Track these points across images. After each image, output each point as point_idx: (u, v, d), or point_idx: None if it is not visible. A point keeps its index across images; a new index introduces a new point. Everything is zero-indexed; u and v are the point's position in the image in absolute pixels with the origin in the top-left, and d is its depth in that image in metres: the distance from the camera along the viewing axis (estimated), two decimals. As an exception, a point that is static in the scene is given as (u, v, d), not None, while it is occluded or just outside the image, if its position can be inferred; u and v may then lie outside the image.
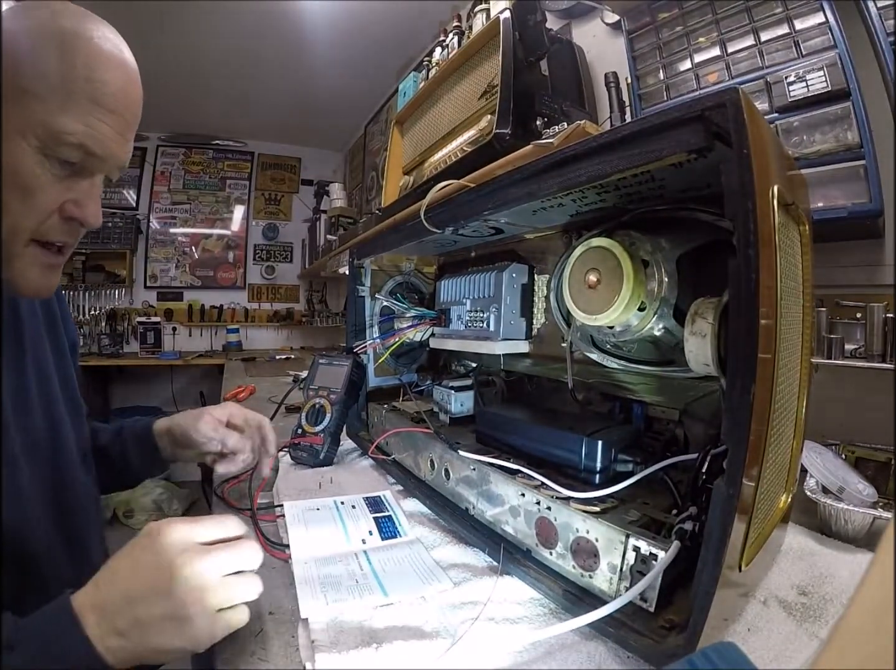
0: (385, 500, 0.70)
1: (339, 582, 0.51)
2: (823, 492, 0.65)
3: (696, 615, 0.36)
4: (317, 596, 0.48)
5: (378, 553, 0.57)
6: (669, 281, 0.51)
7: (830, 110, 0.83)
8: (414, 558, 0.57)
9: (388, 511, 0.67)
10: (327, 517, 0.63)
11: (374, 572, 0.53)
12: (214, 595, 0.37)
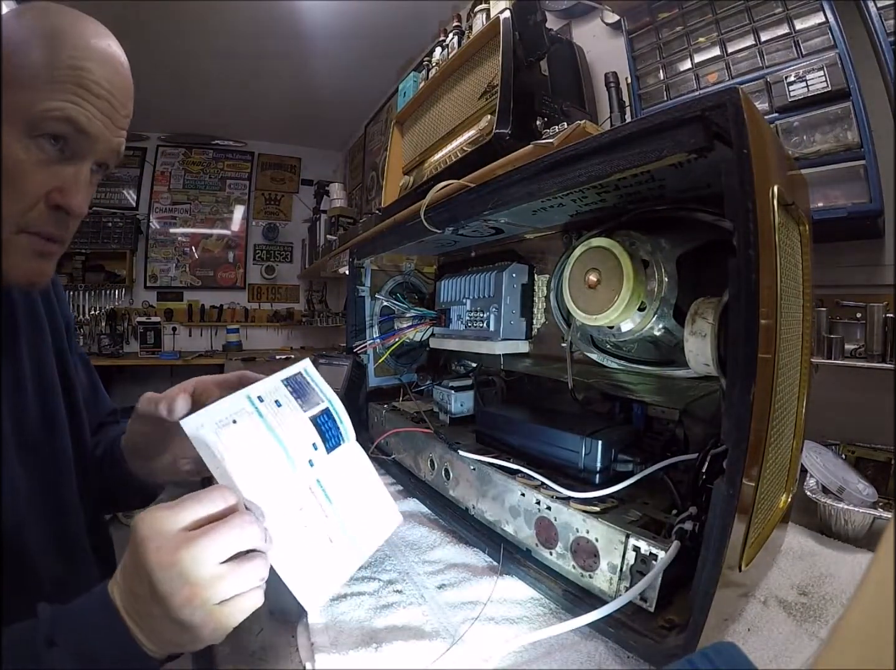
0: (308, 378, 0.47)
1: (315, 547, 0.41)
2: (823, 492, 0.65)
3: (696, 615, 0.36)
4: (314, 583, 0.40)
5: (332, 482, 0.44)
6: (669, 281, 0.51)
7: (830, 110, 0.83)
8: (362, 480, 0.47)
9: (321, 400, 0.46)
10: (250, 429, 0.40)
11: (339, 517, 0.43)
12: (206, 590, 0.33)
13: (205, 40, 2.34)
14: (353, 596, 0.50)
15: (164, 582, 0.32)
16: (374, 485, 0.48)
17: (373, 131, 3.19)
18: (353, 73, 2.66)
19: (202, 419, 0.38)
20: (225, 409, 0.40)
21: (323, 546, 0.41)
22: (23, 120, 0.42)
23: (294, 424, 0.43)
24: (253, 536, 0.35)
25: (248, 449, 0.39)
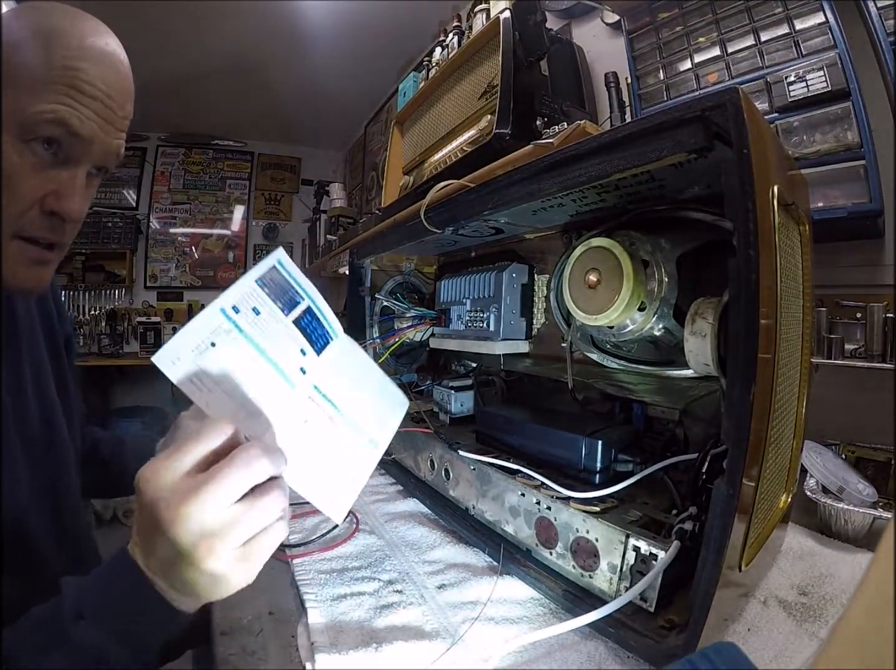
0: (284, 273, 0.41)
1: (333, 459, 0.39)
2: (823, 491, 0.65)
3: (696, 615, 0.36)
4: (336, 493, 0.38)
5: (329, 384, 0.41)
6: (669, 281, 0.51)
7: (830, 110, 0.83)
8: (360, 373, 0.44)
9: (301, 298, 0.41)
10: (234, 351, 0.36)
11: (346, 418, 0.41)
12: (226, 537, 0.31)
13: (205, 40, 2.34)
14: (353, 596, 0.50)
15: (181, 537, 0.31)
16: (373, 374, 0.45)
17: (373, 131, 3.19)
18: (353, 73, 2.65)
19: (176, 350, 0.34)
20: (199, 331, 0.35)
21: (337, 452, 0.39)
22: (16, 123, 0.41)
23: (278, 333, 0.38)
24: (260, 468, 0.33)
25: (235, 373, 0.35)
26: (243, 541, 0.32)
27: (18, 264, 0.45)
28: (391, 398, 0.46)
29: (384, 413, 0.44)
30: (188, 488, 0.31)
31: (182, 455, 0.32)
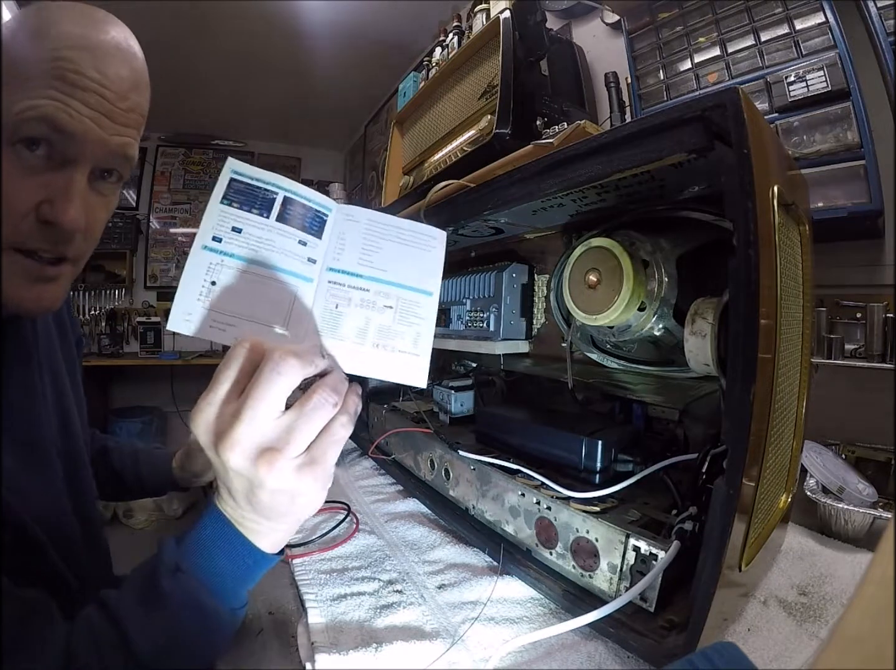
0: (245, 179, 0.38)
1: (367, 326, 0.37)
2: (823, 492, 0.65)
3: (696, 615, 0.36)
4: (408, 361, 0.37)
5: (345, 258, 0.39)
6: (669, 281, 0.51)
7: (830, 110, 0.83)
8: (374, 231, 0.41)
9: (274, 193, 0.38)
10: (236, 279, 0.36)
11: (380, 281, 0.39)
12: (282, 450, 0.31)
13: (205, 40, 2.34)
14: (353, 596, 0.50)
15: (239, 463, 0.31)
16: (389, 224, 0.41)
17: (373, 131, 3.19)
18: (353, 73, 2.65)
19: (183, 308, 0.34)
20: (194, 278, 0.35)
21: (387, 319, 0.37)
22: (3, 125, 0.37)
23: (268, 238, 0.36)
24: (290, 369, 0.32)
25: (246, 296, 0.34)
26: (302, 448, 0.33)
27: (17, 280, 0.41)
28: (422, 238, 0.41)
29: (421, 256, 0.40)
30: (230, 414, 0.32)
31: (215, 385, 0.33)
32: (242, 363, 0.33)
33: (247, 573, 0.37)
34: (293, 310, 0.36)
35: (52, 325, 0.60)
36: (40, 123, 0.37)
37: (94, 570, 0.55)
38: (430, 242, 0.41)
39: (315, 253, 0.38)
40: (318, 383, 0.34)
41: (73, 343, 0.64)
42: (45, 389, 0.54)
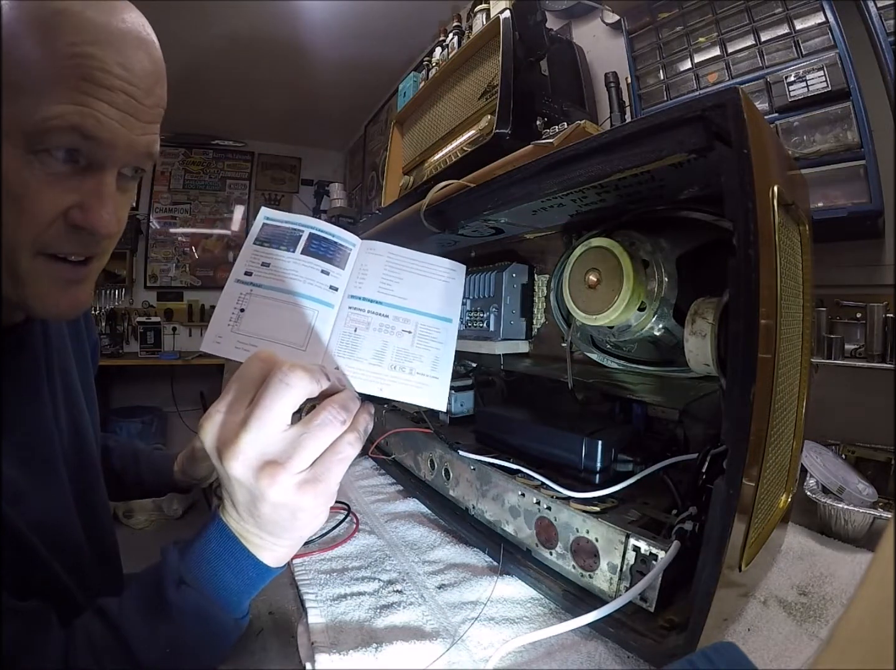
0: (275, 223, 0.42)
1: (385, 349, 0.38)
2: (823, 492, 0.65)
3: (696, 615, 0.36)
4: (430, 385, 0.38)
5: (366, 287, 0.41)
6: (669, 281, 0.51)
7: (830, 110, 0.83)
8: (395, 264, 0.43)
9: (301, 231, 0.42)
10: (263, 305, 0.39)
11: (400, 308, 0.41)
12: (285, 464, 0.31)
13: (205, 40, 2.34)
14: (353, 596, 0.50)
15: (241, 473, 0.31)
16: (410, 258, 0.43)
17: (373, 131, 3.19)
18: (353, 73, 2.65)
19: (214, 331, 0.38)
20: (226, 307, 0.38)
21: (407, 343, 0.39)
22: (20, 132, 0.34)
23: (293, 269, 0.39)
24: (299, 381, 0.32)
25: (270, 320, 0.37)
26: (306, 464, 0.32)
27: (47, 285, 0.39)
28: (442, 270, 0.43)
29: (441, 287, 0.42)
30: (237, 422, 0.32)
31: (225, 394, 0.33)
32: (254, 374, 0.33)
33: (250, 585, 0.37)
34: (313, 332, 0.38)
35: (65, 331, 0.58)
36: (70, 134, 0.35)
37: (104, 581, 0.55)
38: (450, 274, 0.43)
39: (337, 282, 0.41)
40: (328, 400, 0.34)
41: (87, 348, 0.62)
42: (55, 396, 0.52)
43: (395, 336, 0.39)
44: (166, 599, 0.34)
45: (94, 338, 0.66)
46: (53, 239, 0.38)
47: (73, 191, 0.37)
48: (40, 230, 0.37)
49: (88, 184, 0.38)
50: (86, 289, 0.43)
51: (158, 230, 3.63)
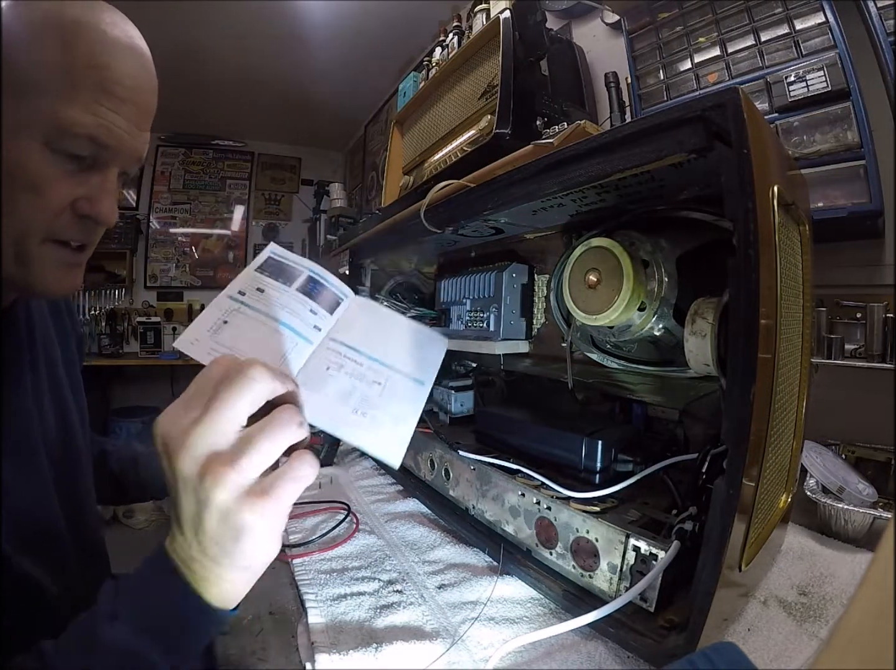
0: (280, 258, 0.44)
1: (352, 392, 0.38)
2: (823, 492, 0.65)
3: (696, 615, 0.36)
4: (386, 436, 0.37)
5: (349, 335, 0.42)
6: (669, 281, 0.51)
7: (830, 110, 0.83)
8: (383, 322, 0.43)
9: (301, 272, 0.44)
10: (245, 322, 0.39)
11: (375, 359, 0.41)
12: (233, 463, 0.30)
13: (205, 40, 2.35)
14: (353, 596, 0.50)
15: (186, 467, 0.29)
16: (398, 322, 0.43)
17: (373, 131, 3.20)
18: (353, 73, 2.65)
19: (193, 333, 0.37)
20: (211, 315, 0.39)
21: (375, 394, 0.38)
22: (44, 128, 0.39)
23: (284, 301, 0.41)
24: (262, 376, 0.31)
25: (249, 338, 0.38)
26: (257, 468, 0.30)
27: (52, 267, 0.44)
28: (426, 338, 0.43)
29: (421, 352, 0.42)
30: (190, 419, 0.30)
31: (183, 395, 0.32)
32: (214, 375, 0.32)
33: (189, 625, 0.33)
34: (286, 360, 0.38)
35: (49, 324, 0.60)
36: (86, 140, 0.40)
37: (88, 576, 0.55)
38: (432, 342, 0.43)
39: (322, 323, 0.41)
40: (286, 404, 0.32)
41: (73, 343, 0.64)
42: (39, 387, 0.54)
43: (364, 383, 0.39)
44: (97, 636, 0.31)
45: (78, 333, 0.67)
46: (62, 226, 0.43)
47: (80, 184, 0.42)
48: (52, 218, 0.42)
49: (95, 180, 0.43)
50: (81, 272, 0.48)
51: (158, 230, 3.63)
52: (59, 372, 0.58)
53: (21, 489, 0.46)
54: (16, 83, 0.38)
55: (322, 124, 3.43)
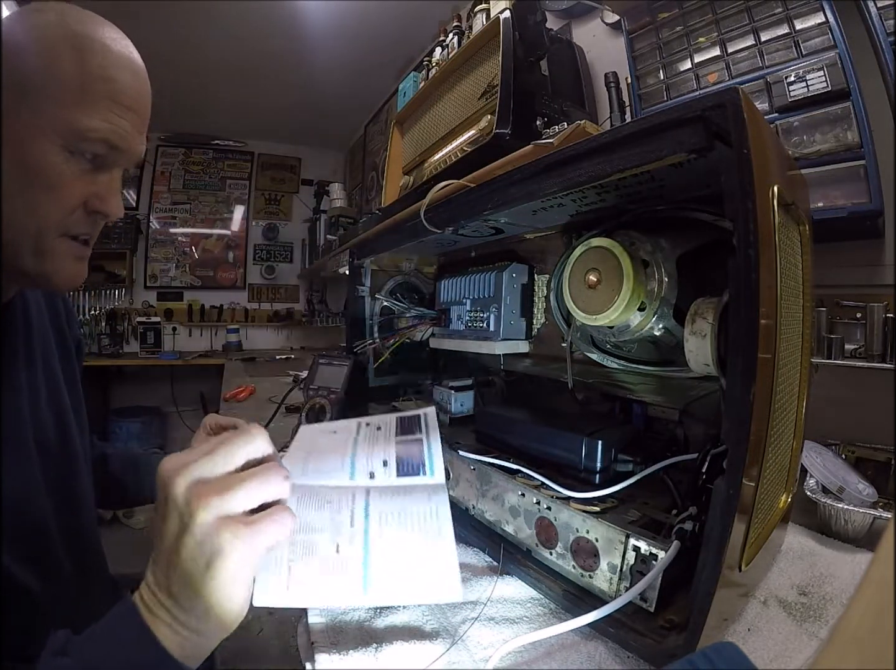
0: (423, 421, 0.47)
1: (315, 545, 0.35)
2: (823, 492, 0.65)
3: (696, 615, 0.36)
4: (280, 567, 0.34)
5: (384, 499, 0.39)
6: (669, 281, 0.51)
7: (830, 110, 0.83)
8: (428, 522, 0.38)
9: (419, 433, 0.46)
10: (341, 441, 0.44)
11: (367, 534, 0.36)
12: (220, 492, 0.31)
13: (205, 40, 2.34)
14: (353, 596, 0.50)
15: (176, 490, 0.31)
16: (436, 534, 0.37)
17: (373, 131, 3.19)
18: (353, 73, 2.65)
19: (318, 426, 0.46)
20: (336, 425, 0.46)
21: (322, 549, 0.35)
22: (62, 133, 0.43)
23: (377, 444, 0.43)
24: (261, 435, 0.35)
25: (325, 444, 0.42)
26: (241, 502, 0.31)
27: (65, 260, 0.49)
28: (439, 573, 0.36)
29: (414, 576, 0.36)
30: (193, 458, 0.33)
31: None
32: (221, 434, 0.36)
33: None
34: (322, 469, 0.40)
35: (47, 324, 0.60)
36: (101, 144, 0.45)
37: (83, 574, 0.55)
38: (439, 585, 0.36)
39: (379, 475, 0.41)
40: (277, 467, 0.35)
41: (71, 345, 0.64)
42: (35, 384, 0.55)
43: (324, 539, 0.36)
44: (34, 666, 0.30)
45: (76, 335, 0.67)
46: (75, 222, 0.47)
47: (92, 183, 0.47)
48: (68, 215, 0.46)
49: (103, 179, 0.48)
50: (86, 264, 0.52)
51: (158, 230, 3.62)
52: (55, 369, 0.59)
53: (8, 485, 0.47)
54: (34, 92, 0.42)
55: (322, 124, 3.43)
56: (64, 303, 0.66)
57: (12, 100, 0.42)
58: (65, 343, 0.63)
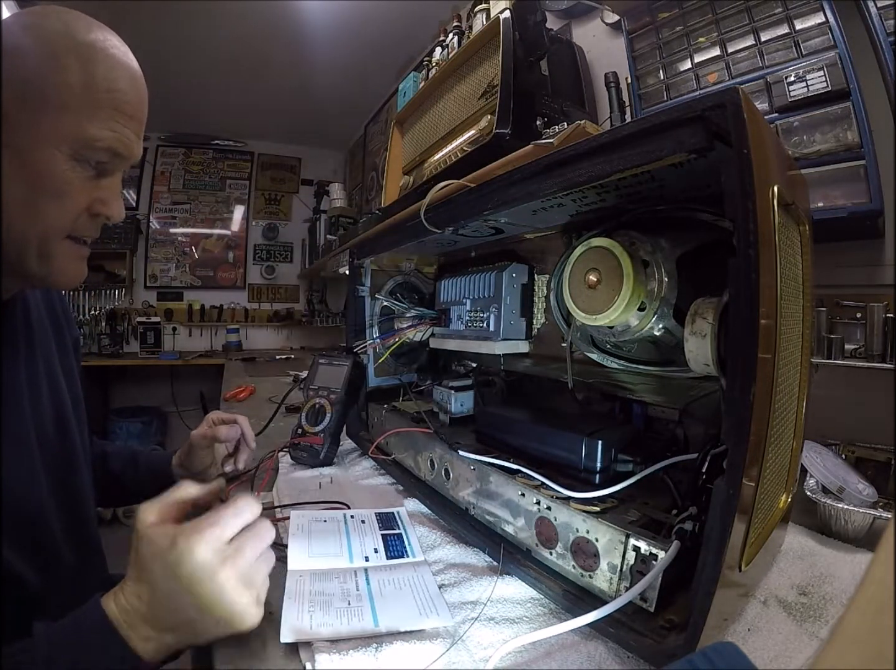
0: (398, 518, 0.67)
1: (330, 601, 0.48)
2: (823, 492, 0.65)
3: (696, 615, 0.36)
4: (302, 616, 0.45)
5: (379, 573, 0.54)
6: (669, 281, 0.51)
7: (830, 110, 0.83)
8: (417, 583, 0.52)
9: (398, 528, 0.64)
10: (333, 530, 0.61)
11: (370, 594, 0.49)
12: (255, 589, 0.40)
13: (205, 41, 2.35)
14: (353, 596, 0.50)
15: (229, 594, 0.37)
16: (423, 587, 0.51)
17: (373, 131, 3.20)
18: (354, 73, 2.66)
19: (308, 514, 0.64)
20: (324, 514, 0.65)
21: (336, 601, 0.48)
22: (69, 141, 0.45)
23: (365, 535, 0.61)
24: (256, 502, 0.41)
25: (314, 528, 0.60)
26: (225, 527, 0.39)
27: (69, 261, 0.51)
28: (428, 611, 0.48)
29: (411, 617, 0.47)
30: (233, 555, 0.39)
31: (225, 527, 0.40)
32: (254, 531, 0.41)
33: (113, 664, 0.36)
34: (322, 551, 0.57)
35: (47, 324, 0.61)
36: (106, 152, 0.48)
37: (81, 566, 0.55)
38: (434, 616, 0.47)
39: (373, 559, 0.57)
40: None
41: (69, 343, 0.65)
42: (35, 380, 0.56)
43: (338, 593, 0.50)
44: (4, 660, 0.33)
45: (74, 334, 0.68)
46: (80, 225, 0.50)
47: (95, 188, 0.49)
48: (74, 218, 0.49)
49: (106, 184, 0.50)
50: (86, 263, 0.55)
51: (158, 230, 3.63)
52: (55, 371, 0.59)
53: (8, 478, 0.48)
54: (41, 101, 0.43)
55: (322, 124, 3.43)
56: (60, 301, 0.67)
57: (20, 109, 0.43)
58: (63, 340, 0.64)
